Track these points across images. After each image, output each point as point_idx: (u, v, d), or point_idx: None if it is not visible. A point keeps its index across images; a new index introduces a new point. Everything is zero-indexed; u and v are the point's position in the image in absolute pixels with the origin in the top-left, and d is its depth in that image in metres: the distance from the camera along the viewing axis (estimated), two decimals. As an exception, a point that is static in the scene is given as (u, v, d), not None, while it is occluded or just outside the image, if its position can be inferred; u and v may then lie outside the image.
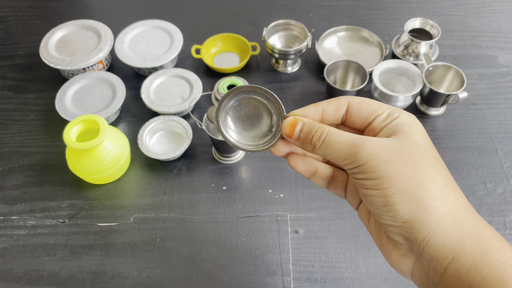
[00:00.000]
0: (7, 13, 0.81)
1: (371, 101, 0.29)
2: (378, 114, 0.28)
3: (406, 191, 0.25)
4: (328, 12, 0.79)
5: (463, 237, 0.25)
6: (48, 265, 0.49)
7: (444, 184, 0.26)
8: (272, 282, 0.47)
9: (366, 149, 0.26)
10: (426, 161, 0.26)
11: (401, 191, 0.25)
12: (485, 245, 0.25)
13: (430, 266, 0.25)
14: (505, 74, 0.68)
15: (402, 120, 0.28)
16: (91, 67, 0.65)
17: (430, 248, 0.25)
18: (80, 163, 0.51)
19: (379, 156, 0.26)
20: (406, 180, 0.25)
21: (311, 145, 0.28)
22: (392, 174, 0.25)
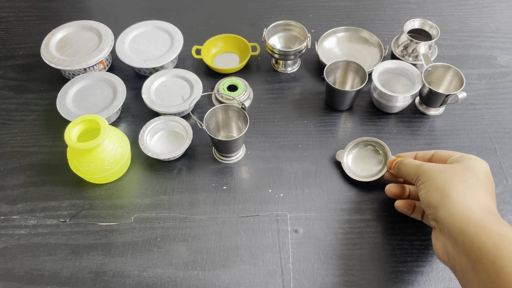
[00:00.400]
0: (8, 13, 0.81)
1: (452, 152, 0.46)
2: (452, 155, 0.44)
3: (439, 187, 0.40)
4: (327, 12, 0.79)
5: (469, 215, 0.36)
6: (49, 265, 0.49)
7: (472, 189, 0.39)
8: (272, 281, 0.47)
9: (424, 165, 0.44)
10: (470, 180, 0.39)
11: (435, 187, 0.40)
12: (486, 223, 0.35)
13: (450, 237, 0.37)
14: (504, 74, 0.68)
15: (469, 157, 0.42)
16: (92, 68, 0.65)
17: (446, 223, 0.38)
18: (81, 163, 0.52)
19: (430, 169, 0.42)
20: (441, 181, 0.40)
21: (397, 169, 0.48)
22: (433, 178, 0.41)
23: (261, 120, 0.63)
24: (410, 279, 0.47)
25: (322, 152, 0.59)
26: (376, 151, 0.56)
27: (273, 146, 0.60)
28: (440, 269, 0.48)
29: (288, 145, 0.60)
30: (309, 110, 0.64)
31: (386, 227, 0.51)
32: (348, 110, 0.64)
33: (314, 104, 0.65)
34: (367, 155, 0.57)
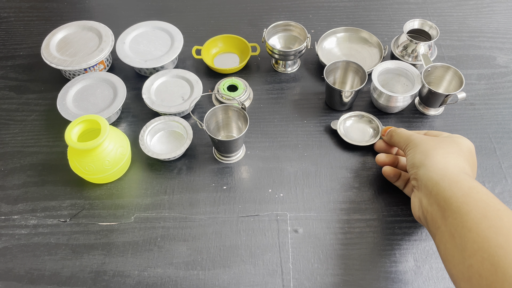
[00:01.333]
0: (8, 14, 0.81)
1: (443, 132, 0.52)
2: (443, 134, 0.50)
3: (423, 151, 0.46)
4: (327, 13, 0.79)
5: (445, 172, 0.42)
6: (49, 265, 0.49)
7: (453, 155, 0.45)
8: (272, 281, 0.47)
9: (414, 135, 0.49)
10: (453, 149, 0.45)
11: (420, 151, 0.46)
12: (459, 177, 0.41)
13: (426, 191, 0.43)
14: (503, 75, 0.68)
15: (457, 135, 0.48)
16: (92, 68, 0.66)
17: (424, 179, 0.43)
18: (81, 163, 0.52)
19: (419, 137, 0.48)
20: (426, 146, 0.46)
21: (389, 136, 0.53)
22: (421, 144, 0.47)
23: (261, 120, 0.63)
24: (410, 279, 0.47)
25: (322, 152, 0.59)
26: (370, 122, 0.61)
27: (273, 146, 0.60)
28: (440, 269, 0.48)
29: (288, 145, 0.60)
30: (309, 110, 0.64)
31: (385, 227, 0.51)
32: (348, 110, 0.64)
33: (314, 104, 0.65)
34: (361, 126, 0.62)
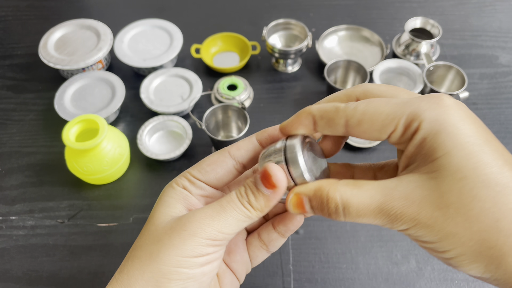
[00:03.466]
0: (6, 12, 0.81)
1: (377, 111, 0.21)
2: (391, 132, 0.21)
3: (466, 253, 0.20)
4: (328, 11, 0.79)
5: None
6: (47, 266, 0.49)
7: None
8: (272, 282, 0.47)
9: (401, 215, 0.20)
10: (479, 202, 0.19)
11: (460, 254, 0.20)
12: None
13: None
14: (506, 74, 0.68)
15: (426, 132, 0.20)
16: (91, 67, 0.65)
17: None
18: (79, 163, 0.51)
19: (418, 221, 0.20)
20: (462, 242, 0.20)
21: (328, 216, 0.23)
22: (441, 238, 0.20)
23: (261, 120, 0.62)
24: (412, 280, 0.47)
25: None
26: None
27: (273, 146, 0.59)
28: (442, 270, 0.48)
29: (288, 145, 0.59)
30: (310, 109, 0.63)
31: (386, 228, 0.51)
32: (349, 109, 0.63)
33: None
34: None
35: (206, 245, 0.23)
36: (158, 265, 0.23)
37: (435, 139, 0.20)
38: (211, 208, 0.24)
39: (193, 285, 0.23)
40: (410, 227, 0.20)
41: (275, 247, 0.29)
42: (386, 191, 0.21)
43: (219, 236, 0.23)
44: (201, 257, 0.23)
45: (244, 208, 0.24)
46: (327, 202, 0.22)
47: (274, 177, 0.23)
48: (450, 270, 0.47)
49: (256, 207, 0.24)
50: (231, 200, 0.24)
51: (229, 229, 0.24)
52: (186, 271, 0.23)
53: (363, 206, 0.21)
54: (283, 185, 0.23)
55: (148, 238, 0.24)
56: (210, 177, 0.26)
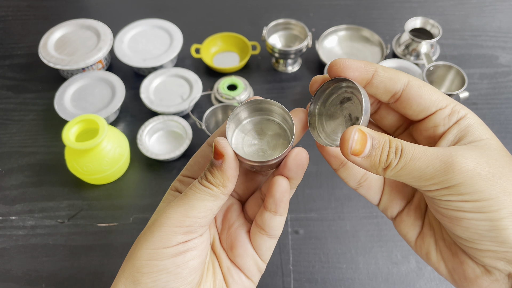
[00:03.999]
0: (6, 12, 0.81)
1: (433, 88, 0.24)
2: (441, 108, 0.23)
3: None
4: (328, 11, 0.78)
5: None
6: (47, 266, 0.49)
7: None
8: (272, 282, 0.47)
9: (459, 163, 0.20)
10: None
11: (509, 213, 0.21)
12: None
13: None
14: (506, 74, 0.68)
15: (472, 121, 0.23)
16: (91, 67, 0.65)
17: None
18: (79, 163, 0.51)
19: (477, 172, 0.21)
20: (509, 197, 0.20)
21: (385, 164, 0.22)
22: (499, 194, 0.20)
23: (261, 120, 0.62)
24: (412, 280, 0.47)
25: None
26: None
27: (273, 146, 0.59)
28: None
29: (288, 145, 0.59)
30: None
31: (387, 227, 0.51)
32: (349, 109, 0.63)
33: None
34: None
35: (175, 234, 0.23)
36: (133, 261, 0.23)
37: (480, 127, 0.23)
38: (177, 199, 0.24)
39: (167, 277, 0.23)
40: (465, 179, 0.21)
41: (272, 229, 0.27)
42: (439, 147, 0.22)
43: (186, 222, 0.23)
44: (170, 248, 0.23)
45: (205, 187, 0.24)
46: (390, 140, 0.22)
47: (219, 146, 0.23)
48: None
49: (215, 183, 0.24)
50: (192, 185, 0.24)
51: (195, 212, 0.23)
52: (156, 262, 0.23)
53: (419, 150, 0.21)
54: (229, 151, 0.23)
55: (135, 242, 0.25)
56: (196, 169, 0.27)
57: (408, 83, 0.24)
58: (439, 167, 0.21)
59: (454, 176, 0.21)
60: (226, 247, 0.28)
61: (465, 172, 0.21)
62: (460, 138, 0.23)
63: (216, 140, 0.24)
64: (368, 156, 0.22)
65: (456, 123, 0.23)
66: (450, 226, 0.23)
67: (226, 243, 0.28)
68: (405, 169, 0.21)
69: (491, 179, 0.21)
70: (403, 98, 0.24)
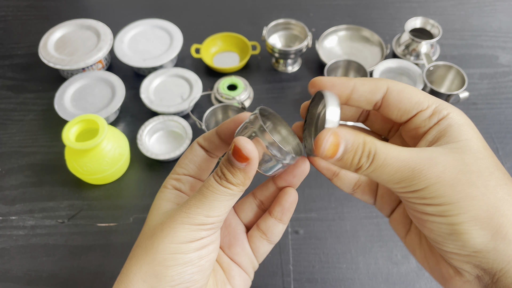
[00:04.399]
0: (6, 12, 0.81)
1: (414, 90, 0.24)
2: (422, 109, 0.24)
3: (479, 218, 0.21)
4: (328, 11, 0.78)
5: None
6: (47, 266, 0.49)
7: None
8: (272, 282, 0.47)
9: (425, 171, 0.21)
10: (495, 178, 0.22)
11: (474, 218, 0.21)
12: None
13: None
14: (506, 74, 0.68)
15: (453, 121, 0.23)
16: (91, 67, 0.65)
17: (508, 279, 0.22)
18: (79, 163, 0.51)
19: (441, 179, 0.21)
20: (479, 205, 0.21)
21: (356, 166, 0.23)
22: (460, 199, 0.21)
23: (261, 120, 0.62)
24: (412, 280, 0.47)
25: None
26: None
27: (273, 146, 0.59)
28: (442, 270, 0.48)
29: (288, 145, 0.59)
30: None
31: (387, 227, 0.51)
32: (349, 109, 0.63)
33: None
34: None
35: (198, 230, 0.24)
36: (154, 255, 0.24)
37: (460, 128, 0.23)
38: (193, 197, 0.25)
39: (191, 269, 0.24)
40: (430, 185, 0.22)
41: (274, 235, 0.29)
42: (413, 151, 0.22)
43: (208, 220, 0.24)
44: (195, 242, 0.24)
45: (224, 188, 0.24)
46: (364, 144, 0.22)
47: (245, 150, 0.23)
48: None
49: (236, 183, 0.24)
50: (209, 185, 0.24)
51: (216, 212, 0.24)
52: (182, 256, 0.24)
53: (391, 156, 0.22)
54: (255, 155, 0.23)
55: (143, 237, 0.25)
56: (191, 167, 0.27)
57: (387, 90, 0.24)
58: (406, 174, 0.22)
59: (419, 182, 0.22)
60: (224, 244, 0.29)
61: (429, 178, 0.22)
62: (438, 138, 0.24)
63: (241, 143, 0.23)
64: (340, 159, 0.23)
65: (437, 123, 0.24)
66: (418, 226, 0.24)
67: (223, 240, 0.29)
68: (375, 173, 0.23)
69: (455, 185, 0.21)
70: (384, 105, 0.25)
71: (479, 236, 0.21)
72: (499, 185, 0.22)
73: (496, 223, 0.21)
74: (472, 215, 0.21)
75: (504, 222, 0.21)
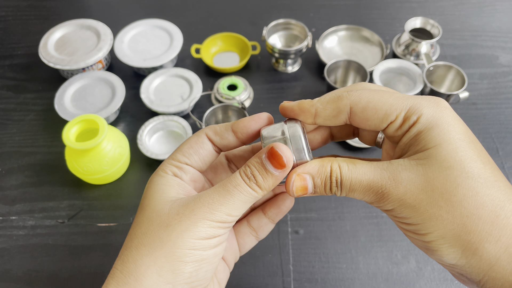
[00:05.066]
0: (6, 12, 0.81)
1: (381, 100, 0.23)
2: (391, 121, 0.23)
3: (446, 237, 0.21)
4: (328, 11, 0.79)
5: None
6: (47, 266, 0.49)
7: (493, 215, 0.20)
8: (272, 282, 0.47)
9: (388, 193, 0.22)
10: (462, 190, 0.21)
11: (441, 237, 0.21)
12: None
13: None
14: (506, 74, 0.68)
15: (423, 125, 0.22)
16: (91, 67, 0.65)
17: (491, 285, 0.21)
18: (80, 163, 0.51)
19: (404, 201, 0.21)
20: (443, 225, 0.21)
21: (329, 193, 0.24)
22: (424, 220, 0.21)
23: (261, 120, 0.62)
24: (412, 280, 0.47)
25: (323, 153, 0.58)
26: None
27: (273, 146, 0.59)
28: (442, 270, 0.48)
29: (288, 145, 0.59)
30: (310, 109, 0.63)
31: (387, 227, 0.51)
32: (349, 109, 0.63)
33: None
34: None
35: (217, 227, 0.23)
36: (173, 249, 0.22)
37: (429, 132, 0.22)
38: (217, 193, 0.24)
39: (206, 266, 0.24)
40: (395, 207, 0.22)
41: (264, 233, 0.30)
42: (377, 170, 0.22)
43: (229, 219, 0.24)
44: (213, 238, 0.23)
45: (252, 190, 0.24)
46: (330, 175, 0.23)
47: (285, 157, 0.23)
48: (450, 270, 0.48)
49: (264, 187, 0.24)
50: (237, 184, 0.24)
51: (238, 212, 0.24)
52: (200, 252, 0.23)
53: (356, 181, 0.23)
54: (291, 164, 0.24)
55: (152, 224, 0.24)
56: (195, 159, 0.26)
57: (350, 110, 0.23)
58: (373, 197, 0.23)
59: (386, 204, 0.22)
60: None
61: (393, 201, 0.22)
62: (408, 146, 0.23)
63: (282, 150, 0.23)
64: (314, 193, 0.24)
65: (407, 131, 0.23)
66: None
67: None
68: (349, 195, 0.23)
69: (417, 207, 0.21)
70: (353, 122, 0.24)
71: (449, 253, 0.21)
72: (465, 199, 0.21)
73: (464, 240, 0.21)
74: (439, 234, 0.21)
75: (473, 239, 0.21)
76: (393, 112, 0.22)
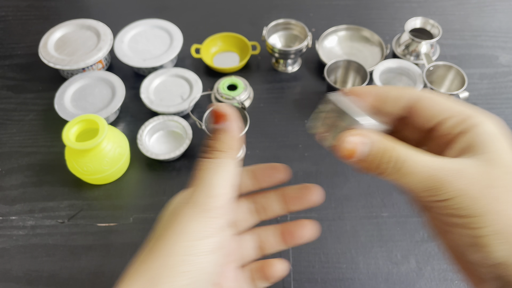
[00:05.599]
0: (6, 12, 0.81)
1: (443, 99, 0.24)
2: (447, 116, 0.23)
3: (502, 232, 0.22)
4: (328, 11, 0.79)
5: None
6: (47, 266, 0.49)
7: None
8: (272, 282, 0.47)
9: (451, 182, 0.21)
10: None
11: (496, 232, 0.22)
12: None
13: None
14: (506, 74, 0.68)
15: (483, 131, 0.23)
16: (91, 67, 0.65)
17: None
18: (79, 163, 0.51)
19: (467, 192, 0.22)
20: (502, 220, 0.22)
21: (378, 170, 0.23)
22: (483, 213, 0.22)
23: (261, 120, 0.62)
24: (412, 280, 0.47)
25: (323, 153, 0.58)
26: None
27: (273, 146, 0.59)
28: (442, 270, 0.48)
29: (288, 145, 0.59)
30: (310, 110, 0.63)
31: (387, 227, 0.51)
32: (349, 109, 0.63)
33: (315, 104, 0.64)
34: None
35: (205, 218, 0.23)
36: (164, 258, 0.22)
37: (492, 138, 0.23)
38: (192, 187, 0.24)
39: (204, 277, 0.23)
40: (455, 196, 0.22)
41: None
42: (441, 160, 0.22)
43: (211, 203, 0.23)
44: (209, 239, 0.23)
45: (215, 158, 0.24)
46: (392, 150, 0.22)
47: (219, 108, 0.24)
48: (450, 270, 0.48)
49: (221, 148, 0.24)
50: (200, 166, 0.24)
51: (216, 190, 0.23)
52: (194, 258, 0.22)
53: (417, 165, 0.22)
54: (231, 110, 0.24)
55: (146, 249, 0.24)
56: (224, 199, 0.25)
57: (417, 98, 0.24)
58: (433, 184, 0.22)
59: (445, 192, 0.22)
60: None
61: (455, 190, 0.22)
62: (466, 148, 0.23)
63: (215, 107, 0.24)
64: (364, 161, 0.23)
65: (466, 132, 0.23)
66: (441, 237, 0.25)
67: None
68: (401, 179, 0.22)
69: (479, 199, 0.21)
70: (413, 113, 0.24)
71: (500, 250, 0.21)
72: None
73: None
74: (495, 229, 0.21)
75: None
76: (452, 109, 0.23)
